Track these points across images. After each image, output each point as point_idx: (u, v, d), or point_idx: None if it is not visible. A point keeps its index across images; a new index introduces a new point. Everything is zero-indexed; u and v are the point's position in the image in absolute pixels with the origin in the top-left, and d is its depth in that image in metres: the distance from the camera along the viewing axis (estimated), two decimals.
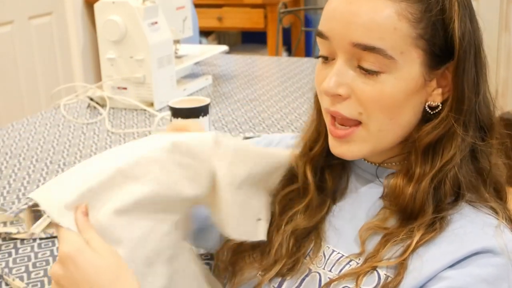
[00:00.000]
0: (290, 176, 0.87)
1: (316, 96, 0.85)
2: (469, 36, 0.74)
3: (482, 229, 0.73)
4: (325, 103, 0.78)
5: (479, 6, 3.70)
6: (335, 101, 0.75)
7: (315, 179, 0.84)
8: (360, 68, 0.73)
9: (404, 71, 0.73)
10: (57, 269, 0.63)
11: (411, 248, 0.72)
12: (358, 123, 0.76)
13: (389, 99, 0.73)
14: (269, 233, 0.85)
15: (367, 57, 0.72)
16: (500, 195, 0.81)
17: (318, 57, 0.79)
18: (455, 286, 0.69)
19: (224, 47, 2.28)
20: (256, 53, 3.49)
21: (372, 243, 0.76)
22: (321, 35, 0.76)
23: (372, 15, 0.71)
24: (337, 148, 0.78)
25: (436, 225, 0.74)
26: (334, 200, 0.85)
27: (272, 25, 3.59)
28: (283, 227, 0.84)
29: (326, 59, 0.77)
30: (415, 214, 0.75)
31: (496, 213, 0.76)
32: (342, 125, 0.77)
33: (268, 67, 2.34)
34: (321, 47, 0.77)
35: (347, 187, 0.85)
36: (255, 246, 0.85)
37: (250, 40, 4.23)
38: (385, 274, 0.73)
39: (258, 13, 3.62)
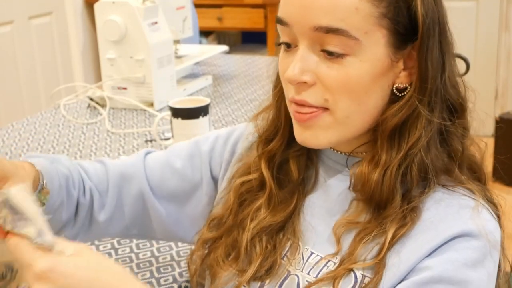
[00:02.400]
0: (249, 166, 0.86)
1: (275, 88, 0.84)
2: (432, 14, 0.72)
3: (457, 212, 0.72)
4: (290, 93, 0.75)
5: (479, 6, 3.70)
6: (300, 89, 0.73)
7: (272, 171, 0.82)
8: (324, 52, 0.71)
9: (369, 52, 0.71)
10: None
11: (385, 247, 0.71)
12: (324, 109, 0.73)
13: (355, 83, 0.71)
14: (234, 228, 0.84)
15: (330, 40, 0.70)
16: (477, 176, 0.79)
17: (279, 44, 0.76)
18: (435, 275, 0.68)
19: (224, 47, 2.28)
20: (256, 53, 3.49)
21: (347, 241, 0.75)
22: (280, 21, 0.74)
23: None
24: (301, 134, 0.76)
25: (407, 218, 0.72)
26: (304, 193, 0.83)
27: (272, 25, 3.59)
28: (248, 223, 0.82)
29: (288, 47, 0.75)
30: (384, 202, 0.74)
31: (473, 193, 0.75)
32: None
33: (268, 67, 2.34)
34: (282, 34, 0.75)
35: (317, 179, 0.83)
36: (224, 248, 0.84)
37: (250, 40, 4.23)
38: (362, 274, 0.73)
39: (258, 13, 3.62)
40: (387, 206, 0.73)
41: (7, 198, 0.62)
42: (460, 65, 0.81)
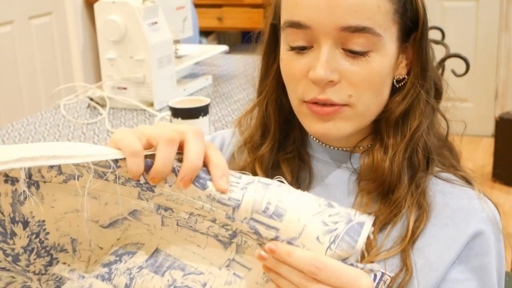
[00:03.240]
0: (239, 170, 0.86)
1: (260, 93, 0.84)
2: (426, 7, 0.77)
3: (469, 204, 0.76)
4: (309, 94, 0.75)
5: (479, 6, 3.70)
6: (325, 88, 0.74)
7: (267, 175, 0.82)
8: (347, 51, 0.73)
9: (387, 47, 0.74)
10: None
11: (408, 237, 0.73)
12: (345, 104, 0.75)
13: (378, 77, 0.74)
14: None
15: (355, 39, 0.72)
16: (456, 158, 0.83)
17: (292, 49, 0.75)
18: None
19: (224, 47, 2.28)
20: (256, 53, 3.49)
21: None
22: (298, 25, 0.73)
23: None
24: (320, 126, 0.76)
25: (423, 206, 0.75)
26: None
27: None
28: None
29: (302, 49, 0.75)
30: (393, 187, 0.76)
31: (468, 182, 0.79)
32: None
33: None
34: (296, 37, 0.75)
35: (312, 178, 0.83)
36: None
37: (250, 40, 4.23)
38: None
39: (258, 13, 3.62)
40: (395, 190, 0.76)
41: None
42: (460, 65, 0.83)
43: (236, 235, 0.60)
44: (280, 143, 0.83)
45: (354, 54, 0.73)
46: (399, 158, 0.76)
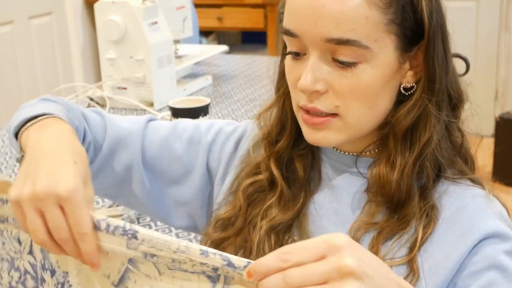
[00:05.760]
0: (255, 166, 0.85)
1: (278, 90, 0.84)
2: (436, 15, 0.73)
3: (473, 201, 0.75)
4: (300, 100, 0.75)
5: (479, 6, 3.70)
6: (312, 98, 0.73)
7: (281, 171, 0.83)
8: (335, 61, 0.72)
9: (380, 58, 0.71)
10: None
11: (417, 246, 0.72)
12: (334, 114, 0.74)
13: (367, 89, 0.72)
14: (244, 228, 0.83)
15: (341, 50, 0.70)
16: (472, 168, 0.82)
17: (288, 53, 0.76)
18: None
19: (224, 47, 2.28)
20: (256, 53, 3.49)
21: (365, 243, 0.75)
22: (289, 33, 0.73)
23: (340, 7, 0.69)
24: (312, 135, 0.76)
25: (431, 215, 0.74)
26: (309, 192, 0.83)
27: (272, 25, 3.59)
28: (258, 222, 0.82)
29: (297, 55, 0.75)
30: (402, 202, 0.75)
31: (475, 182, 0.78)
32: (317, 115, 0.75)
33: (268, 67, 2.34)
34: (290, 44, 0.75)
35: (321, 178, 0.83)
36: (233, 248, 0.83)
37: (250, 40, 4.23)
38: None
39: (258, 13, 3.62)
40: (405, 205, 0.75)
41: None
42: (460, 65, 0.82)
43: (218, 269, 0.58)
44: (295, 140, 0.83)
45: (342, 64, 0.71)
46: (408, 174, 0.74)
